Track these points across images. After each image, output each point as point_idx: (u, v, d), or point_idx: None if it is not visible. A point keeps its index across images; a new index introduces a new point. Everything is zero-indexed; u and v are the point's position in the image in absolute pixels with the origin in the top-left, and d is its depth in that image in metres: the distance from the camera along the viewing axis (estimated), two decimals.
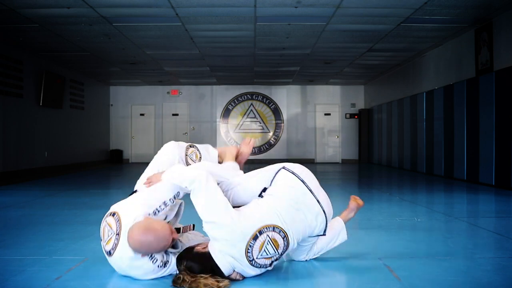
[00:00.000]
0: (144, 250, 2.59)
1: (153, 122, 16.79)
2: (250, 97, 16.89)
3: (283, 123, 16.92)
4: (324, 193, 2.90)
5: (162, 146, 3.18)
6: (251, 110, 16.89)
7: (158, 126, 16.75)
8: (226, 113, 16.82)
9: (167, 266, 2.72)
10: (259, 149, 16.83)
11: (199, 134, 16.74)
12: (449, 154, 9.46)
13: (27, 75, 10.70)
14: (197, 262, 2.58)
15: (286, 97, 16.90)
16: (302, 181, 2.82)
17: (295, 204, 2.74)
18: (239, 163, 3.29)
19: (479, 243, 3.79)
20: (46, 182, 9.22)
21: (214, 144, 16.67)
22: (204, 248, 2.64)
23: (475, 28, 8.48)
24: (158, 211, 2.70)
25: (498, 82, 7.66)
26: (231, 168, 3.10)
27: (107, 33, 8.82)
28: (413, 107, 11.60)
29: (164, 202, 2.73)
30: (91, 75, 14.31)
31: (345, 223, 3.14)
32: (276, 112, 16.91)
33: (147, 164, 3.10)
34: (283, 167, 2.88)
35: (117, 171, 12.78)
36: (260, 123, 16.93)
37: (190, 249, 2.67)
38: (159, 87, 16.75)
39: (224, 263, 2.57)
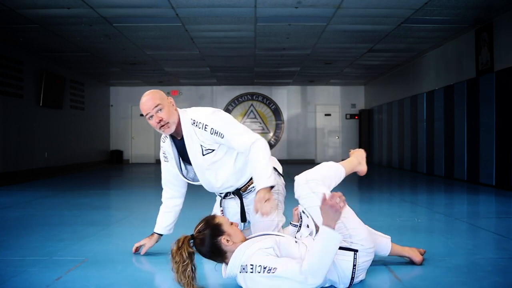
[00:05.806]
0: None
1: None
2: (250, 98, 16.89)
3: (284, 123, 16.91)
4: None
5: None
6: (252, 110, 16.89)
7: None
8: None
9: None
10: None
11: None
12: (450, 154, 9.45)
13: (27, 75, 10.70)
14: (211, 248, 2.38)
15: (287, 98, 16.90)
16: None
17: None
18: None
19: (480, 243, 3.78)
20: (46, 182, 9.22)
21: None
22: (229, 243, 2.37)
23: (476, 29, 8.47)
24: None
25: (499, 82, 7.65)
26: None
27: (107, 33, 8.82)
28: (414, 107, 11.59)
29: None
30: (91, 75, 14.31)
31: None
32: (277, 112, 16.91)
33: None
34: (355, 253, 2.46)
35: (117, 171, 12.78)
36: (261, 123, 16.92)
37: (217, 229, 2.39)
38: (159, 87, 16.73)
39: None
